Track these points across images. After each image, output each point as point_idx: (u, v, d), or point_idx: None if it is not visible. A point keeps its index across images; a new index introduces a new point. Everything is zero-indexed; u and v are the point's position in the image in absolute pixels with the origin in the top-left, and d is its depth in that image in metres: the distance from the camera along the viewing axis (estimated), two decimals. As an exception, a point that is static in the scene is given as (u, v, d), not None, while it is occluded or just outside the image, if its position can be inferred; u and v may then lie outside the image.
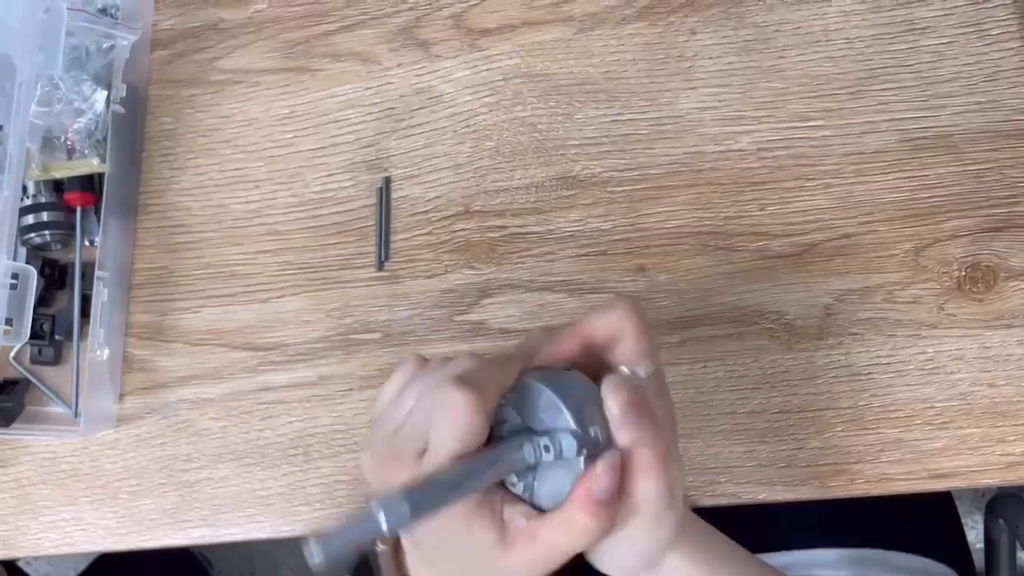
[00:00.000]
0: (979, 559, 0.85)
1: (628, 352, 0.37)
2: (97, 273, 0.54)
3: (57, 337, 0.57)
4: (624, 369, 0.37)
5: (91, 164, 0.56)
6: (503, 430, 0.35)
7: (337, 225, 0.57)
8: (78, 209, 0.57)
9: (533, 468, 0.35)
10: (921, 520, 0.71)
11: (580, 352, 0.37)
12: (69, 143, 0.56)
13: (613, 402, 0.34)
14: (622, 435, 0.34)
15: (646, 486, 0.34)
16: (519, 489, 0.35)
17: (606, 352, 0.37)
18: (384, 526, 0.29)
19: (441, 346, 0.56)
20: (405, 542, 0.39)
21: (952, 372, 0.52)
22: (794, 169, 0.54)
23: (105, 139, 0.56)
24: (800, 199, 0.54)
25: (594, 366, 0.37)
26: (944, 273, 0.53)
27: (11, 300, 0.51)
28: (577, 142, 0.56)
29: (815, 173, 0.54)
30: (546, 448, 0.34)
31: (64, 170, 0.56)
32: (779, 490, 0.52)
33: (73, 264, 0.57)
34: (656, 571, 0.38)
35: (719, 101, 0.55)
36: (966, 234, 0.53)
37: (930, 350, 0.52)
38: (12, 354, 0.57)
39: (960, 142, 0.53)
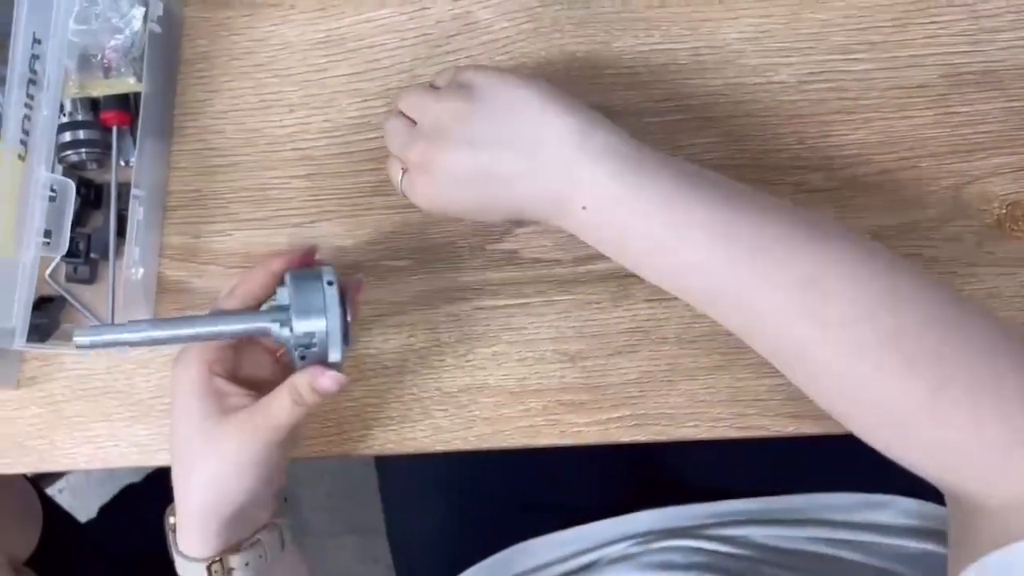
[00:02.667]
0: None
1: None
2: (133, 192, 0.54)
3: (92, 255, 0.57)
4: None
5: (128, 83, 0.56)
6: (267, 305, 0.49)
7: (371, 152, 0.57)
8: (114, 128, 0.57)
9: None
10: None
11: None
12: (106, 61, 0.56)
13: None
14: None
15: None
16: (285, 340, 0.46)
17: None
18: (129, 338, 0.45)
19: (473, 274, 0.56)
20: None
21: (989, 310, 0.52)
22: (835, 103, 0.54)
23: (142, 58, 0.55)
24: (840, 133, 0.54)
25: None
26: (984, 211, 0.52)
27: (49, 212, 0.51)
28: (614, 71, 0.56)
29: (856, 107, 0.53)
30: (277, 323, 0.46)
31: (101, 88, 0.56)
32: (807, 423, 0.53)
33: (108, 184, 0.57)
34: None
35: (761, 32, 0.54)
36: (1008, 171, 0.52)
37: (966, 288, 0.52)
38: (48, 272, 0.57)
39: (1006, 78, 0.52)
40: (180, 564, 0.50)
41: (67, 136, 0.57)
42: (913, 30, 0.53)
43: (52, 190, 0.51)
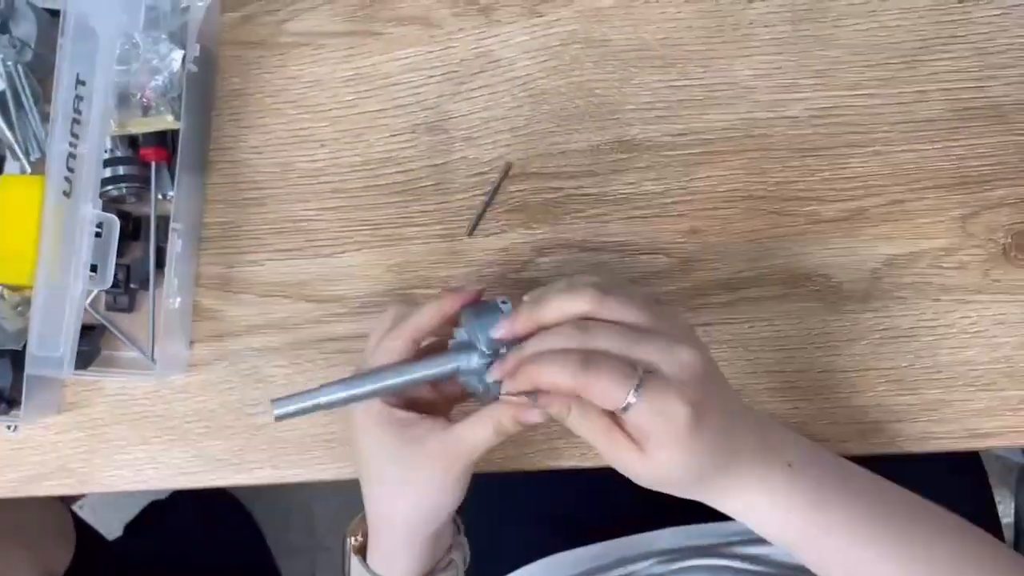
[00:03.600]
0: (1008, 535, 0.87)
1: (604, 404, 0.42)
2: (172, 225, 0.57)
3: (132, 286, 0.60)
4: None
5: (166, 121, 0.59)
6: (451, 345, 0.48)
7: (398, 184, 0.60)
8: (152, 164, 0.59)
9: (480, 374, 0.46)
10: (953, 488, 0.73)
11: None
12: (145, 100, 0.59)
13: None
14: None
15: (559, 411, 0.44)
16: (480, 389, 0.47)
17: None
18: (323, 401, 0.46)
19: (497, 302, 0.58)
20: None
21: (994, 336, 0.54)
22: (845, 136, 0.56)
23: (179, 97, 0.58)
24: (850, 165, 0.56)
25: None
26: (990, 240, 0.54)
27: (96, 247, 0.53)
28: (633, 107, 0.58)
29: (866, 140, 0.56)
30: (466, 361, 0.46)
31: (140, 126, 0.59)
32: (823, 446, 0.54)
33: (147, 217, 0.60)
34: (724, 495, 0.45)
35: (774, 68, 0.57)
36: (1014, 202, 0.54)
37: (974, 314, 0.54)
38: (88, 301, 0.60)
39: (1011, 112, 0.54)
40: None
41: (108, 172, 0.59)
42: (921, 66, 0.55)
43: (98, 226, 0.54)
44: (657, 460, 0.42)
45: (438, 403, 0.51)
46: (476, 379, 0.46)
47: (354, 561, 0.52)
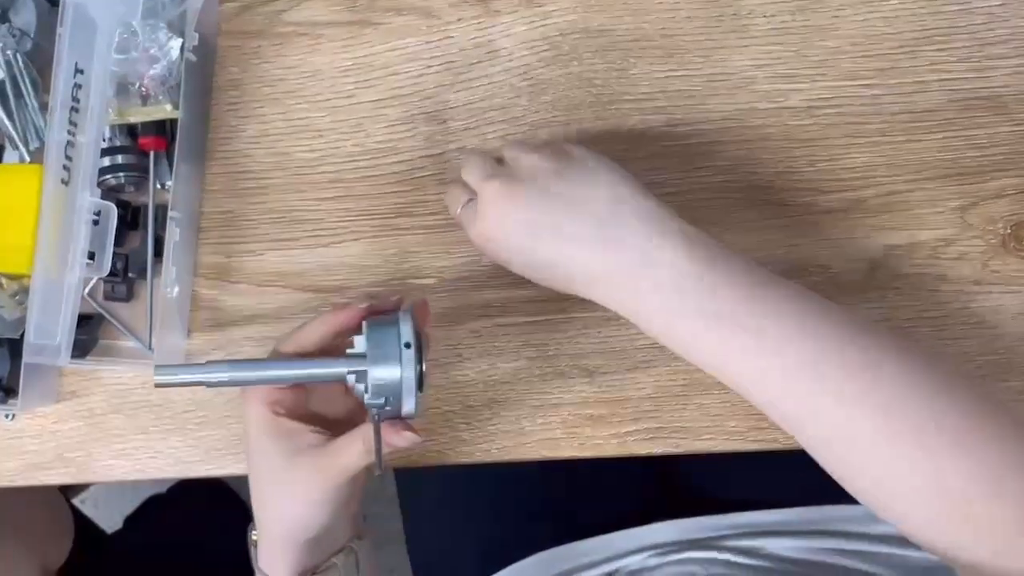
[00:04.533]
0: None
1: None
2: (170, 214, 0.57)
3: (130, 275, 0.60)
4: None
5: (165, 110, 0.59)
6: (347, 352, 0.48)
7: (396, 174, 0.60)
8: (151, 153, 0.59)
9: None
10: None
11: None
12: (144, 89, 0.58)
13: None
14: None
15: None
16: (360, 391, 0.47)
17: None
18: (206, 379, 0.47)
19: (495, 292, 0.58)
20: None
21: (993, 327, 0.53)
22: (844, 127, 0.56)
23: (178, 86, 0.58)
24: (849, 156, 0.55)
25: None
26: (990, 231, 0.54)
27: (93, 235, 0.53)
28: (632, 97, 0.58)
29: (865, 131, 0.55)
30: (353, 372, 0.46)
31: (139, 115, 0.59)
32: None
33: (145, 206, 0.60)
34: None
35: (773, 59, 0.57)
36: (1013, 193, 0.54)
37: (973, 305, 0.54)
38: (86, 291, 0.60)
39: (1011, 103, 0.54)
40: None
41: (106, 161, 0.59)
42: (920, 57, 0.55)
43: (96, 214, 0.54)
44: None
45: (342, 422, 0.50)
46: (362, 387, 0.46)
47: (251, 555, 0.53)
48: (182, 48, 0.58)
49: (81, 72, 0.56)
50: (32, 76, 0.61)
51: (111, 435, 0.60)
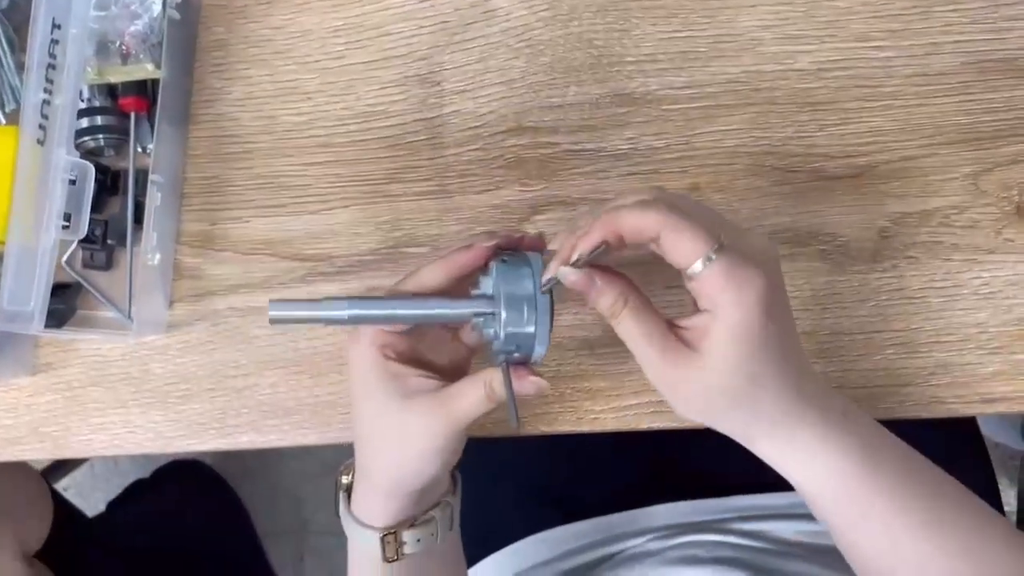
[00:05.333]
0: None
1: (676, 254, 0.39)
2: (151, 177, 0.54)
3: (109, 242, 0.57)
4: (687, 271, 0.40)
5: (146, 69, 0.56)
6: (473, 293, 0.45)
7: (388, 139, 0.57)
8: (132, 115, 0.57)
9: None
10: (955, 467, 0.71)
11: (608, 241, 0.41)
12: (124, 48, 0.56)
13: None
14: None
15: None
16: (490, 335, 0.44)
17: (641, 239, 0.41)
18: (322, 316, 0.43)
19: (490, 261, 0.56)
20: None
21: (1008, 297, 0.51)
22: (854, 90, 0.54)
23: (160, 45, 0.56)
24: (859, 120, 0.53)
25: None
26: (1004, 198, 0.52)
27: (69, 196, 0.51)
28: (633, 59, 0.55)
29: (876, 94, 0.53)
30: (481, 315, 0.44)
31: (119, 75, 0.56)
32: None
33: (126, 170, 0.57)
34: (779, 443, 0.42)
35: (780, 19, 0.54)
36: (1029, 158, 0.52)
37: (986, 275, 0.52)
38: (64, 258, 0.57)
39: (1027, 65, 0.52)
40: (351, 526, 0.49)
41: (85, 122, 0.57)
42: (933, 17, 0.53)
43: (72, 174, 0.51)
44: (712, 359, 0.39)
45: (447, 371, 0.48)
46: (492, 332, 0.44)
47: (340, 500, 0.50)
48: (164, 4, 0.55)
49: (58, 27, 0.53)
50: (8, 35, 0.59)
51: (89, 409, 0.58)
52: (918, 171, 0.53)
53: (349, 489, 0.50)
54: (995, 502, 0.72)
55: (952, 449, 0.72)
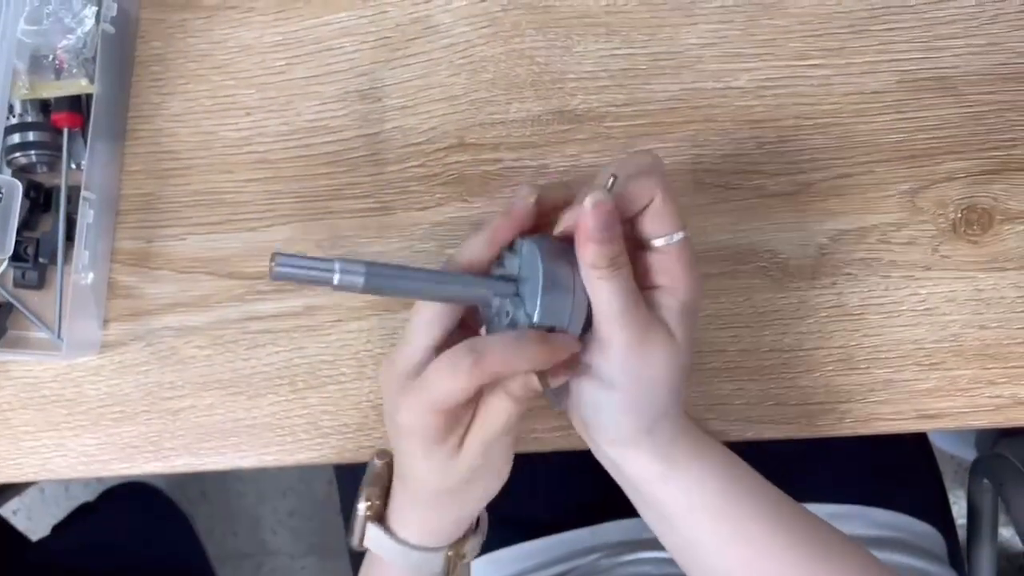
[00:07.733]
0: (961, 535, 0.86)
1: (660, 223, 0.40)
2: (83, 194, 0.53)
3: (41, 260, 0.56)
4: (658, 241, 0.40)
5: (79, 84, 0.55)
6: (494, 272, 0.41)
7: (329, 155, 0.57)
8: (65, 131, 0.56)
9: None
10: (905, 480, 0.72)
11: None
12: (57, 62, 0.55)
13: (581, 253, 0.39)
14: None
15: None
16: (504, 322, 0.40)
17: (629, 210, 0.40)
18: (336, 279, 0.36)
19: (431, 279, 0.55)
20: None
21: (945, 314, 0.52)
22: (792, 108, 0.54)
23: (94, 59, 0.54)
24: (798, 138, 0.54)
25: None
26: (940, 215, 0.52)
27: (-5, 213, 0.50)
28: (575, 76, 0.55)
29: (814, 112, 0.54)
30: (503, 297, 0.40)
31: (52, 90, 0.55)
32: (768, 428, 0.52)
33: (58, 187, 0.56)
34: (671, 465, 0.43)
35: (719, 37, 0.55)
36: (963, 176, 0.52)
37: (923, 291, 0.52)
38: (-6, 277, 0.56)
39: (960, 84, 0.53)
40: (407, 555, 0.46)
41: (16, 138, 0.55)
42: (869, 37, 0.54)
43: (-2, 191, 0.50)
44: (679, 335, 0.41)
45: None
46: (522, 316, 0.39)
47: (368, 528, 0.46)
48: (98, 18, 0.54)
49: (-14, 40, 0.52)
50: (-63, 48, 0.57)
51: (19, 432, 0.56)
52: (856, 188, 0.53)
53: (377, 516, 0.47)
54: (945, 516, 0.73)
55: (902, 464, 0.72)
